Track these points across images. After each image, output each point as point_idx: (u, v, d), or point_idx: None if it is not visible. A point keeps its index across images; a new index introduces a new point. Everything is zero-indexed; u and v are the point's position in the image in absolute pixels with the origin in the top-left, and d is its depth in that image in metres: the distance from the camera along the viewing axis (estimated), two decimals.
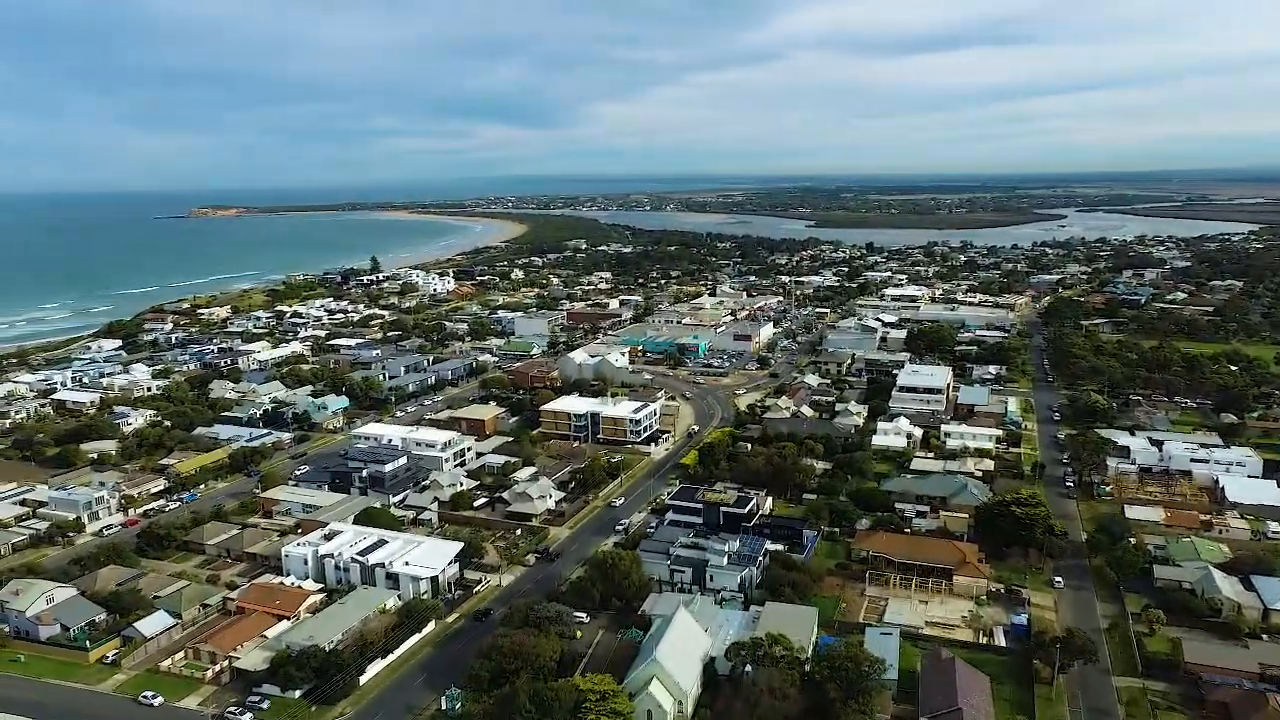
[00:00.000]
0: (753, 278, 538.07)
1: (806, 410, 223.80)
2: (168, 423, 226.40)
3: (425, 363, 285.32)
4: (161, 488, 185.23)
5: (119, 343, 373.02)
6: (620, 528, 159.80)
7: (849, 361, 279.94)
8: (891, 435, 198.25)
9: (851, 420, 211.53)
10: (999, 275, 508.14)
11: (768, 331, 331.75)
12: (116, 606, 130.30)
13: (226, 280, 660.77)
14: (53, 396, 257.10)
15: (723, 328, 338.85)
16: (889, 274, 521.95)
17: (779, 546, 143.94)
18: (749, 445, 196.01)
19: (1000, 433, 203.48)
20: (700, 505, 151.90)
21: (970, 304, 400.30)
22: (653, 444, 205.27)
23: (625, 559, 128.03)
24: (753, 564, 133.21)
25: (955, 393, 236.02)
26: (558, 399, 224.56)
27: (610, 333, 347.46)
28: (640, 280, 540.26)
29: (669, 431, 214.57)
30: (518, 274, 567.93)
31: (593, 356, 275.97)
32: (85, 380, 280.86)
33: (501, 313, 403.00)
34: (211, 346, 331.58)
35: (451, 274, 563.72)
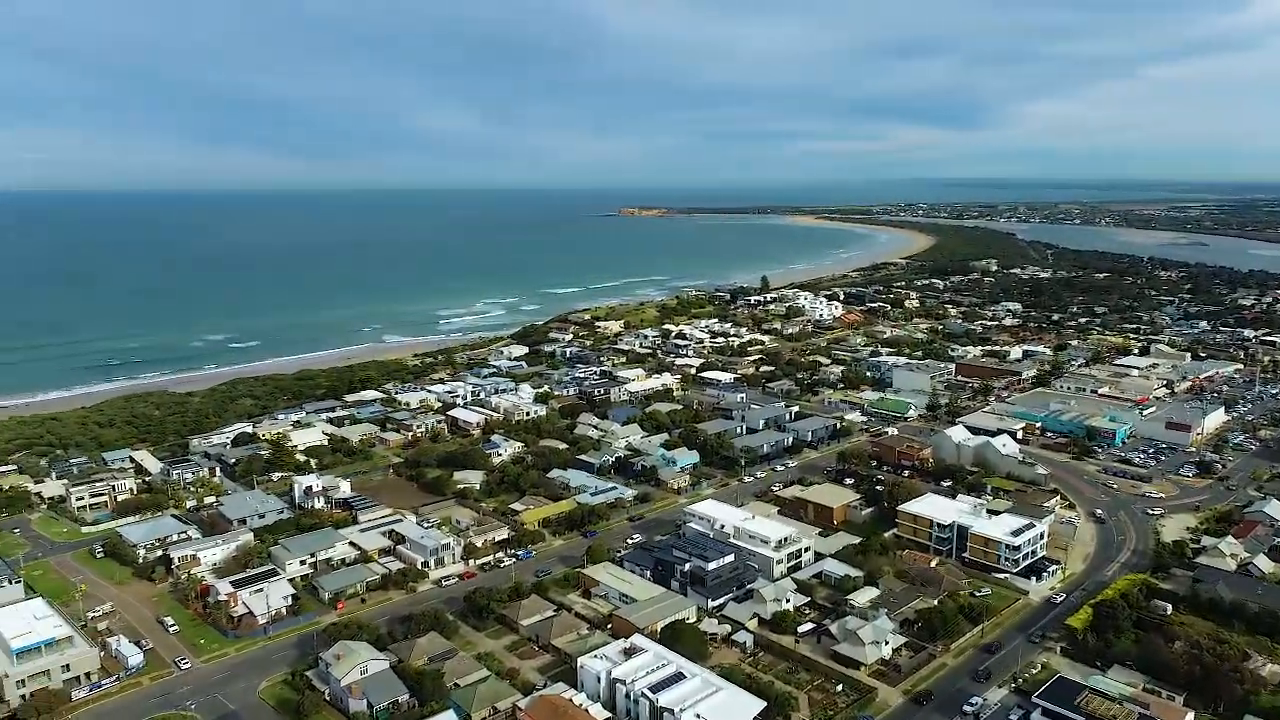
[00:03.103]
0: (1204, 324, 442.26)
1: (1263, 562, 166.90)
2: (529, 459, 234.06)
3: (786, 417, 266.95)
4: (504, 537, 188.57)
5: (525, 350, 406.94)
6: (970, 708, 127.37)
7: None
8: None
9: None
10: None
11: (1216, 418, 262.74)
12: (419, 690, 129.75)
13: (634, 285, 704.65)
14: (450, 413, 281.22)
15: (1152, 407, 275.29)
16: None
17: None
18: (1168, 608, 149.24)
19: None
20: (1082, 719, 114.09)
21: None
22: (1034, 578, 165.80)
23: None
24: None
25: None
26: (920, 498, 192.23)
27: (1004, 395, 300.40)
28: (1054, 318, 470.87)
29: (1059, 563, 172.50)
30: (912, 301, 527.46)
31: (975, 435, 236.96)
32: (482, 395, 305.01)
33: (884, 354, 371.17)
34: (593, 370, 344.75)
35: (840, 297, 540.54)
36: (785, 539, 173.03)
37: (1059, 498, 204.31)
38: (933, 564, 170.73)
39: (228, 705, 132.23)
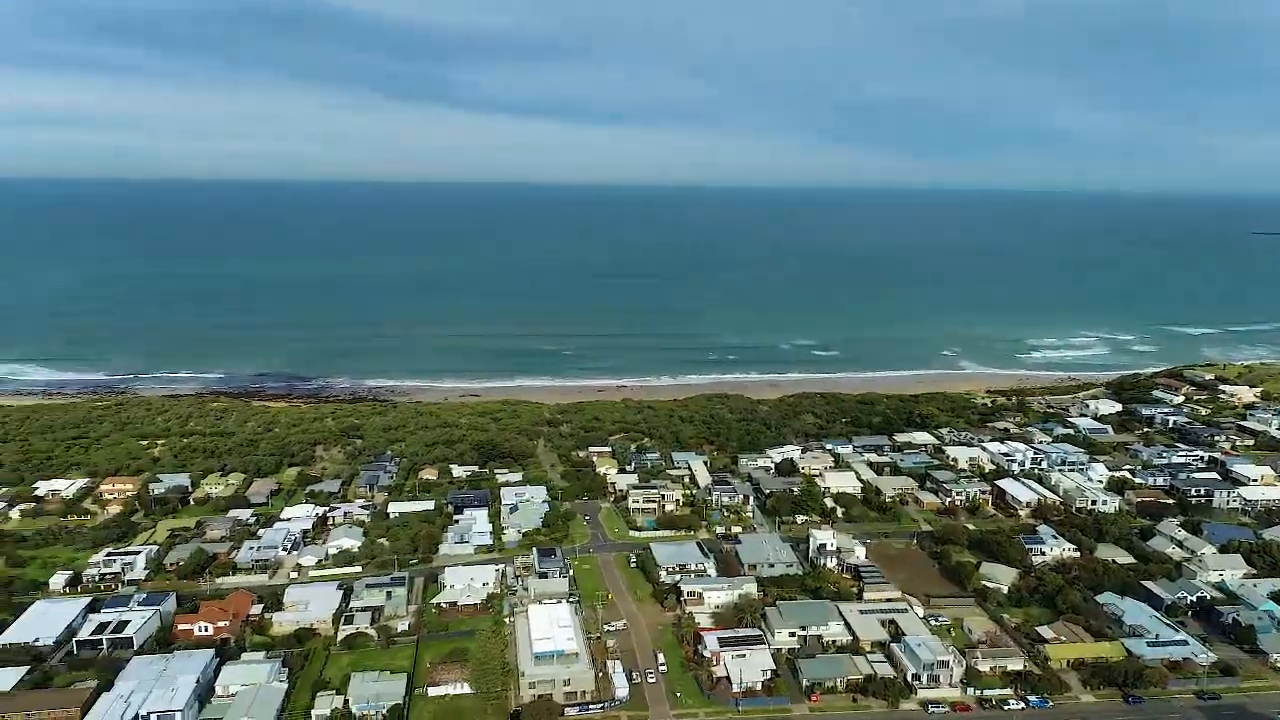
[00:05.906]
0: None
1: None
2: (1076, 569, 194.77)
3: None
4: (1018, 669, 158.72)
5: (1117, 408, 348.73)
6: None
7: None
8: None
9: None
10: None
11: None
12: None
13: None
14: (998, 482, 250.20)
15: None
16: None
17: None
18: None
19: None
20: None
21: None
22: None
23: None
24: None
25: None
26: None
27: None
28: None
29: None
30: None
31: None
32: (1043, 466, 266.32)
33: None
34: (1199, 454, 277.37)
35: None
36: None
37: None
38: None
39: None
